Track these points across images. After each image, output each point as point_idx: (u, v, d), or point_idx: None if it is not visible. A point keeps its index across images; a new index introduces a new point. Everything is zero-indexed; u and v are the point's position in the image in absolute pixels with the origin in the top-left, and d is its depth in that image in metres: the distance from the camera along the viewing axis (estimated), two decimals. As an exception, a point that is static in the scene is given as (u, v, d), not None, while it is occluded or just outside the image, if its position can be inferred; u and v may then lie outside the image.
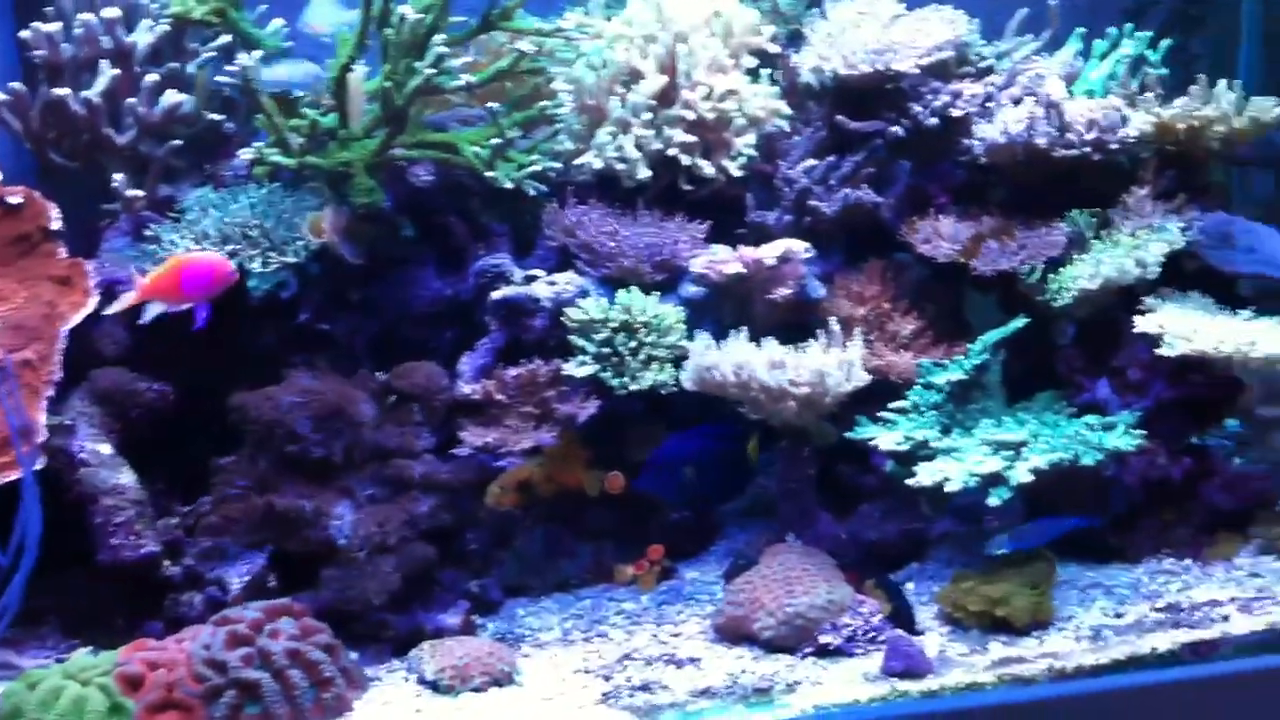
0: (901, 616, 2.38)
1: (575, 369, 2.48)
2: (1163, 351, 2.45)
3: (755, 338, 2.51)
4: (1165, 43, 2.88)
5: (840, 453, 2.64)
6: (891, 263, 2.77)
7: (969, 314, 2.85)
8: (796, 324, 2.61)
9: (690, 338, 2.52)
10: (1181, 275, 2.70)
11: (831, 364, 2.46)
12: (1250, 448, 2.69)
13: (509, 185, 2.49)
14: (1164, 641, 2.28)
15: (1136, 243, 2.57)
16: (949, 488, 2.34)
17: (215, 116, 2.67)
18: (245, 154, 2.45)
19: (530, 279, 2.54)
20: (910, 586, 2.52)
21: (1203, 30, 3.22)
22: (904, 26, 2.74)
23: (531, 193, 2.54)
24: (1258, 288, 2.98)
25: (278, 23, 2.68)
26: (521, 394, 2.48)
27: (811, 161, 2.71)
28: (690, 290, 2.61)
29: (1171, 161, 2.71)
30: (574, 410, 2.48)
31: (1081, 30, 2.88)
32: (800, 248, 2.59)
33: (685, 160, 2.66)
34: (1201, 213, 2.73)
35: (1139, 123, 2.65)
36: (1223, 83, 2.64)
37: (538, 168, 2.53)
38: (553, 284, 2.53)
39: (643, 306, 2.51)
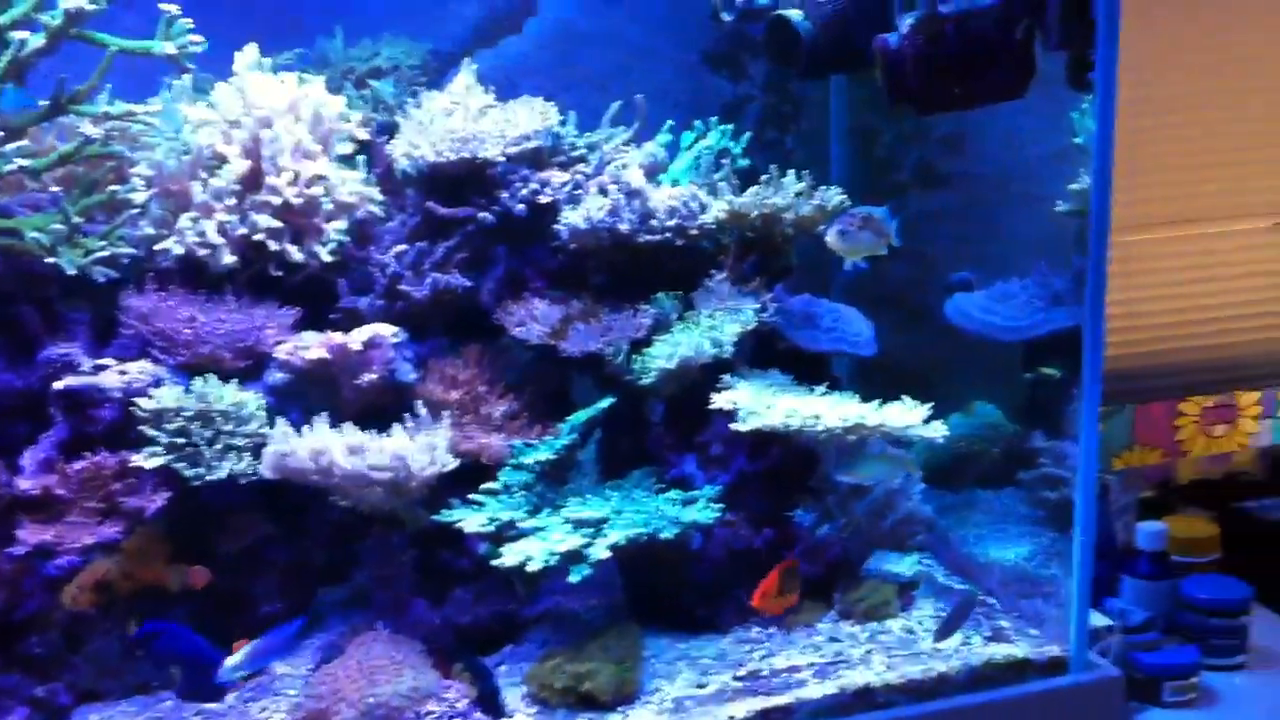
0: (488, 700, 2.39)
1: (145, 460, 2.41)
2: (737, 427, 2.57)
3: (343, 424, 2.50)
4: (746, 135, 3.06)
5: (442, 537, 2.64)
6: (493, 346, 2.82)
7: (588, 395, 2.92)
8: (387, 409, 2.62)
9: (273, 425, 2.49)
10: (773, 354, 2.85)
11: (415, 448, 2.48)
12: (831, 516, 2.83)
13: (73, 272, 2.41)
14: (741, 710, 2.37)
15: (713, 323, 2.70)
16: (531, 567, 2.37)
17: None
18: None
19: (99, 368, 2.46)
20: (503, 669, 2.54)
21: (795, 126, 3.44)
22: (494, 117, 2.82)
23: (100, 279, 2.47)
24: (852, 365, 3.18)
25: None
26: (85, 488, 2.39)
27: (403, 247, 2.74)
28: (276, 377, 2.59)
29: (753, 246, 2.86)
30: (143, 503, 2.40)
31: (671, 123, 3.03)
32: (388, 332, 2.61)
33: (273, 245, 2.65)
34: (785, 294, 2.90)
35: (716, 210, 2.80)
36: (791, 173, 2.82)
37: (107, 253, 2.46)
38: (124, 373, 2.46)
39: (220, 394, 2.47)
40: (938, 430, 2.59)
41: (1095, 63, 2.36)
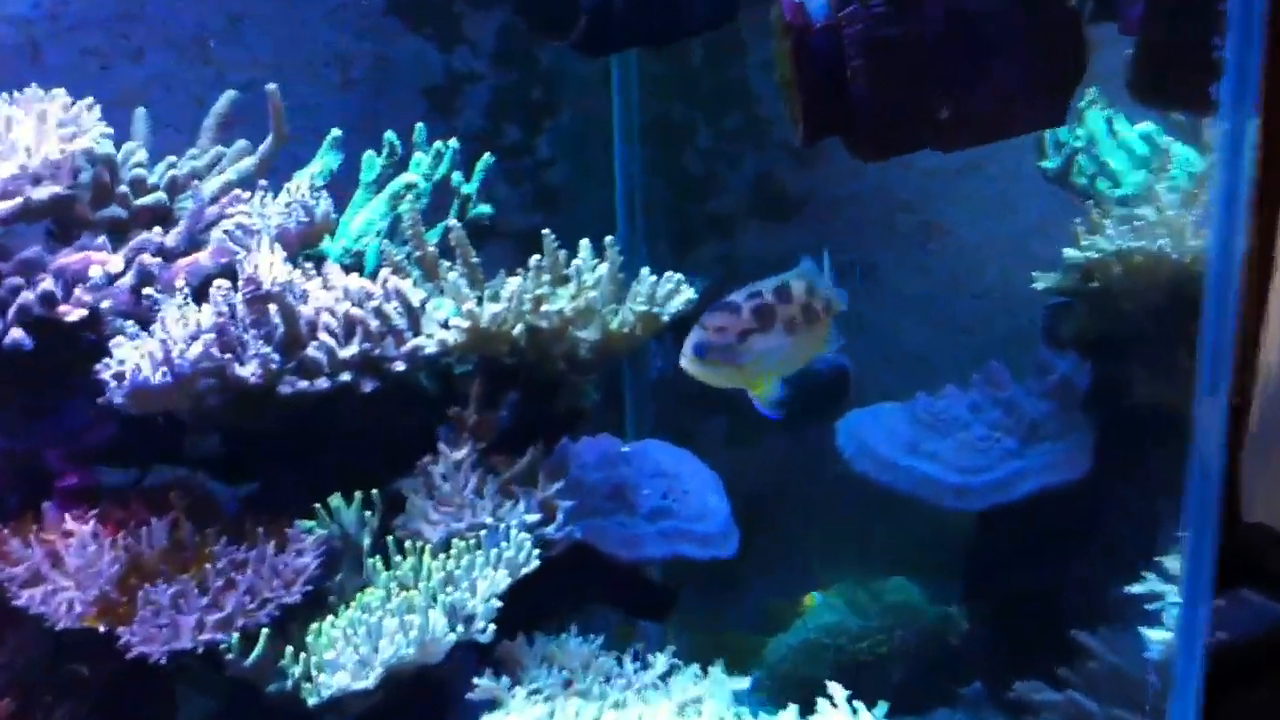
0: None
1: None
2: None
3: None
4: (486, 159, 1.70)
5: None
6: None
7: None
8: None
9: None
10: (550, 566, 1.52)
11: None
12: None
13: None
14: None
15: (454, 569, 1.35)
16: None
17: None
18: None
19: None
20: None
21: (551, 122, 2.09)
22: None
23: None
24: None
25: None
26: None
27: None
28: None
29: (510, 379, 1.52)
30: None
31: (338, 134, 1.64)
32: None
33: None
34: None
35: (438, 324, 1.44)
36: (584, 246, 1.49)
37: None
38: None
39: None
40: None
41: (1227, 60, 1.15)
